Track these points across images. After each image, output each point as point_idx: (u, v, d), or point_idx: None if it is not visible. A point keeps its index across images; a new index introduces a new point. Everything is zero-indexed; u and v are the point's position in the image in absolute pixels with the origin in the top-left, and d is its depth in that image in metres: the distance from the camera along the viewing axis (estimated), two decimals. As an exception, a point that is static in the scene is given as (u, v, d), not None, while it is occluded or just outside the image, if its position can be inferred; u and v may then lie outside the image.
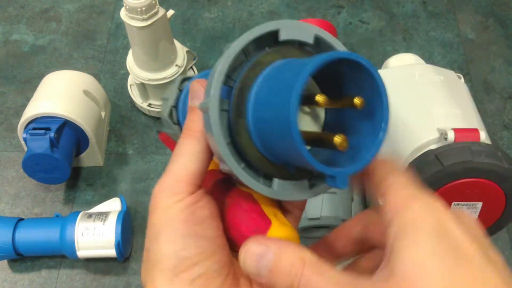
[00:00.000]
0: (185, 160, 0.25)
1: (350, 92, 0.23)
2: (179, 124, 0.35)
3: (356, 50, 0.74)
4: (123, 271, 0.57)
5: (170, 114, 0.35)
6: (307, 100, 0.21)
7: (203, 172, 0.25)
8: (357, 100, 0.22)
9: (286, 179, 0.25)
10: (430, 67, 0.58)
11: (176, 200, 0.25)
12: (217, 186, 0.28)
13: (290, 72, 0.21)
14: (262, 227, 0.25)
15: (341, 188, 0.22)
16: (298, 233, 0.29)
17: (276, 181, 0.25)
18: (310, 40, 0.24)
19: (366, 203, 0.61)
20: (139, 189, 0.62)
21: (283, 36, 0.24)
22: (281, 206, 0.29)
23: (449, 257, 0.19)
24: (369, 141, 0.23)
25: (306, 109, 0.25)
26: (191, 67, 0.68)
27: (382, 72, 0.60)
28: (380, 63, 0.69)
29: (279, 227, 0.25)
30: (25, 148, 0.55)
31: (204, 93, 0.25)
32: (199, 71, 0.69)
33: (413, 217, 0.20)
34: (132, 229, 0.59)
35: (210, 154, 0.26)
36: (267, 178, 0.25)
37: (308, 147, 0.24)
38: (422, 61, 0.63)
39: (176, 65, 0.62)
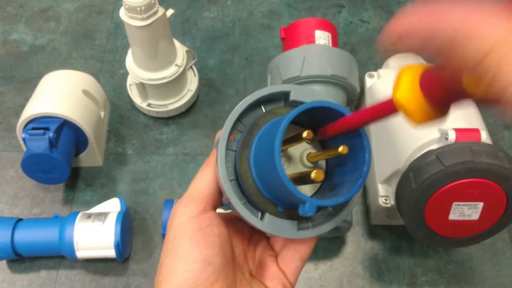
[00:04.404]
0: (200, 183, 0.29)
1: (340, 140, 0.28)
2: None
3: (356, 49, 0.74)
4: (123, 271, 0.57)
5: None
6: (297, 137, 0.26)
7: (215, 195, 0.29)
8: (341, 149, 0.26)
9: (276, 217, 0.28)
10: (431, 66, 0.57)
11: (188, 218, 0.27)
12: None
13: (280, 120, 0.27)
14: None
15: (307, 214, 0.25)
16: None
17: (267, 215, 0.28)
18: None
19: (367, 204, 0.60)
20: (138, 189, 0.62)
21: (292, 97, 0.29)
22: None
23: None
24: (351, 180, 0.26)
25: (308, 163, 0.29)
26: (191, 67, 0.68)
27: (382, 72, 0.60)
28: (380, 63, 0.69)
29: None
30: (24, 148, 0.55)
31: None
32: (199, 71, 0.68)
33: None
34: (132, 229, 0.59)
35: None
36: (262, 214, 0.29)
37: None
38: (422, 61, 0.63)
39: (176, 65, 0.62)
